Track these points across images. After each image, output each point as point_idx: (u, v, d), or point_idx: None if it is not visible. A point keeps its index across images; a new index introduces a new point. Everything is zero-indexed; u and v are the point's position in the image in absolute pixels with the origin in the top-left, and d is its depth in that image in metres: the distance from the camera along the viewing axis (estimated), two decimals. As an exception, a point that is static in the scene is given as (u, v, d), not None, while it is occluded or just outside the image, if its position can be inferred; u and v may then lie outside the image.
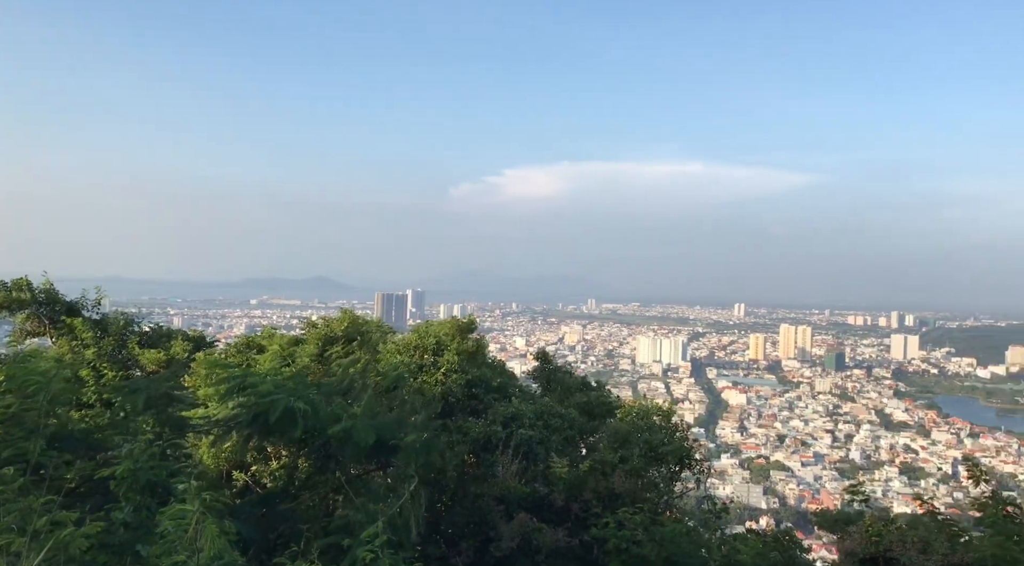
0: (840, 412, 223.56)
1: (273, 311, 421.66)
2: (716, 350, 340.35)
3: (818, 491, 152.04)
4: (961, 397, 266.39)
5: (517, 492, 11.43)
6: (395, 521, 8.94)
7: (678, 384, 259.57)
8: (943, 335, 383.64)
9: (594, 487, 11.83)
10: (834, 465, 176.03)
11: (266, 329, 19.22)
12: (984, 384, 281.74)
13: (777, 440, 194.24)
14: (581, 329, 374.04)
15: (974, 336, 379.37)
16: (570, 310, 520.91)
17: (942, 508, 12.59)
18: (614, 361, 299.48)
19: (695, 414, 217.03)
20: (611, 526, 10.34)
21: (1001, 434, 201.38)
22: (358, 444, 9.22)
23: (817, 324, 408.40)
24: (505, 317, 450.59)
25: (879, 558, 10.23)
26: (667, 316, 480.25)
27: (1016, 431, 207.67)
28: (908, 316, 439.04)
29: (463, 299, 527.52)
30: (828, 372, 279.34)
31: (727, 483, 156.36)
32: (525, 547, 10.24)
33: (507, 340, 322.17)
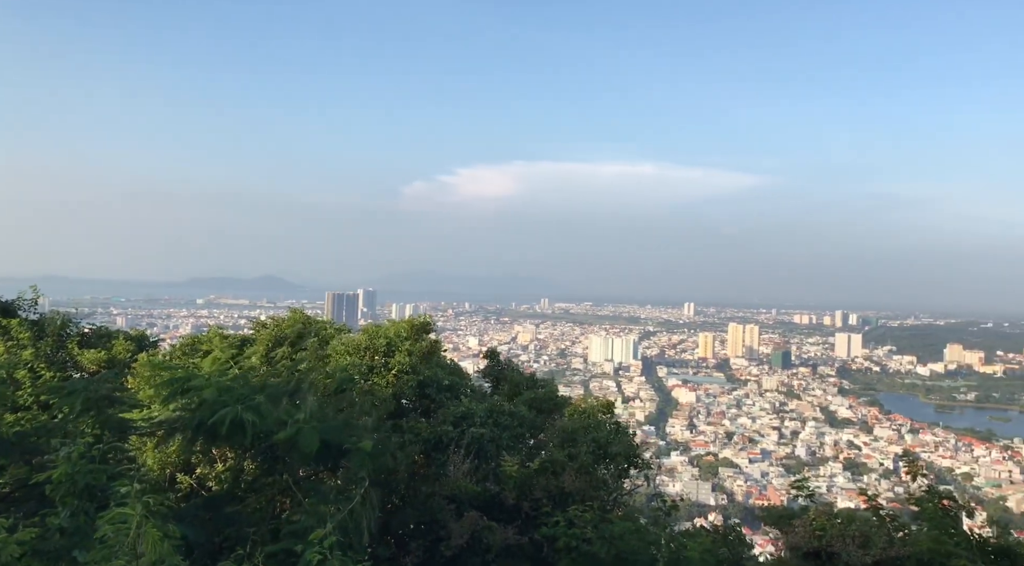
0: (786, 409, 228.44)
1: (220, 311, 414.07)
2: (666, 349, 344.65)
3: (765, 487, 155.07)
4: (902, 394, 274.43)
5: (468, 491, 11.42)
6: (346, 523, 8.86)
7: (629, 383, 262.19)
8: (885, 334, 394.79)
9: (545, 485, 11.88)
10: (781, 461, 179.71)
11: (212, 329, 18.88)
12: (924, 381, 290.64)
13: (725, 437, 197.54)
14: (534, 328, 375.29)
15: (914, 334, 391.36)
16: (523, 309, 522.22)
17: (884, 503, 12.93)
18: (566, 360, 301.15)
19: (646, 412, 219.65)
20: (561, 524, 10.38)
21: (939, 430, 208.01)
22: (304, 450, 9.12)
23: (764, 323, 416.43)
24: (458, 316, 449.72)
25: (821, 552, 10.47)
26: (619, 315, 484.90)
27: (954, 427, 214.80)
28: (852, 315, 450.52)
29: (416, 299, 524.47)
30: (775, 370, 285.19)
31: (677, 480, 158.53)
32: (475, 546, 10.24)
33: (460, 340, 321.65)
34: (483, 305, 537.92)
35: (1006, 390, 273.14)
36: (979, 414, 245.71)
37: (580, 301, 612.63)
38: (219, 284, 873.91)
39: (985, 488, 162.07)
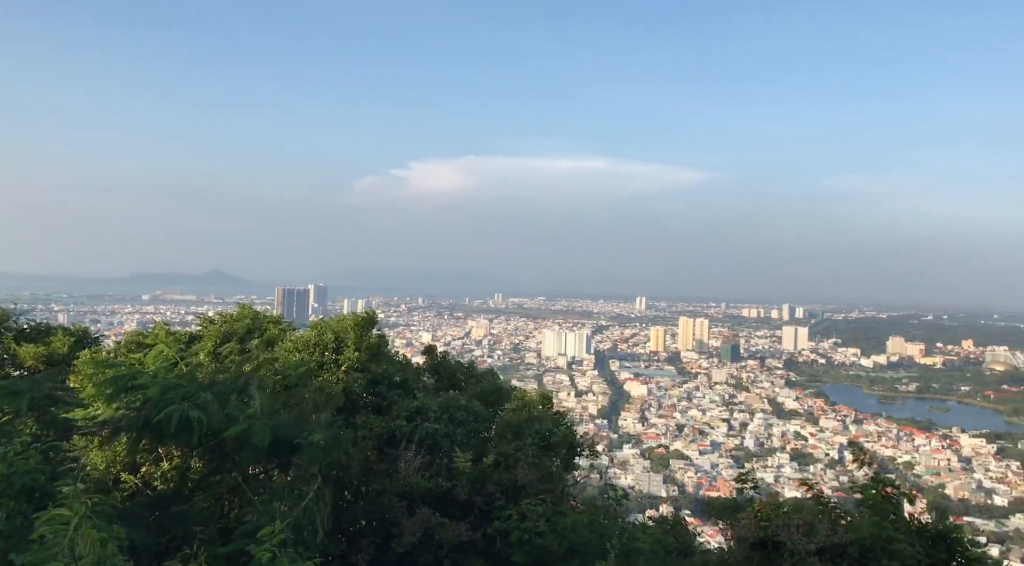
0: (735, 401, 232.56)
1: (167, 307, 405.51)
2: (619, 343, 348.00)
3: (715, 478, 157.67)
4: (846, 385, 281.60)
5: (420, 487, 11.37)
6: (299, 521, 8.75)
7: (582, 376, 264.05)
8: (830, 327, 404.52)
9: (498, 480, 11.88)
10: (730, 453, 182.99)
11: (158, 326, 18.43)
12: (867, 373, 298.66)
13: (676, 429, 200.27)
14: (488, 323, 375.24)
15: (858, 327, 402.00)
16: (477, 305, 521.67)
17: (829, 492, 13.23)
18: (520, 355, 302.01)
19: (599, 405, 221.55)
20: (514, 518, 10.42)
21: (882, 420, 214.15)
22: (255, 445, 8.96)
23: (714, 317, 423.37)
24: (411, 312, 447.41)
25: (767, 542, 10.66)
26: (572, 310, 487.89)
27: (895, 417, 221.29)
28: (798, 309, 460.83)
29: (368, 294, 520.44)
30: (724, 363, 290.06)
31: (629, 472, 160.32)
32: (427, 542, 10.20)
33: (413, 335, 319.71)
34: (436, 300, 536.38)
35: (945, 381, 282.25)
36: (920, 404, 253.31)
37: (534, 296, 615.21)
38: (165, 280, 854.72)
39: (925, 476, 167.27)
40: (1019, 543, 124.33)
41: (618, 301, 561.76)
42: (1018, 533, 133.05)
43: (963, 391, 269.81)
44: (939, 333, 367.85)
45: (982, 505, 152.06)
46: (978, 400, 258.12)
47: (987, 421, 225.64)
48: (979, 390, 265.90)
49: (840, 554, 10.26)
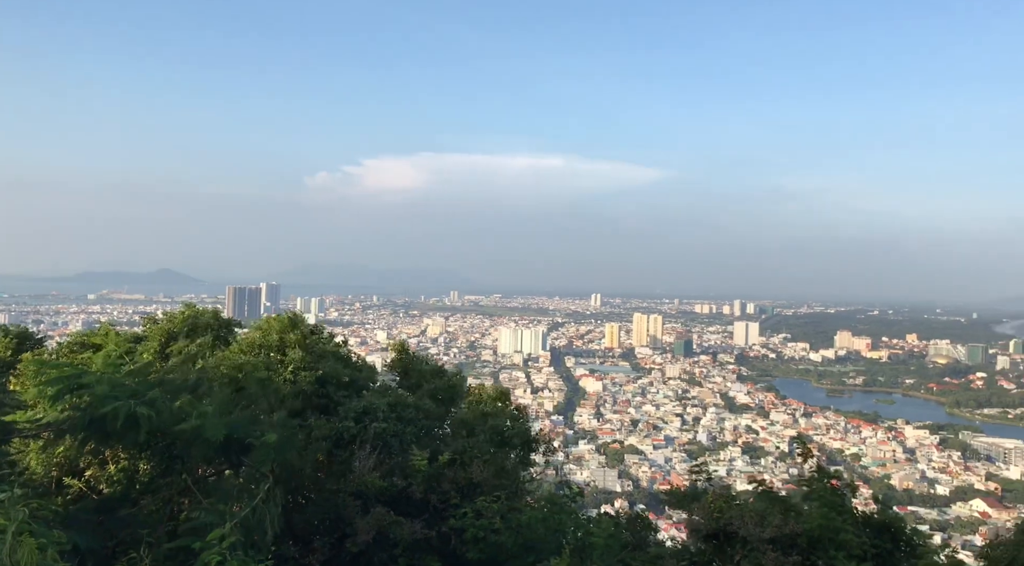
0: (689, 396, 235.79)
1: (114, 306, 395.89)
2: (574, 339, 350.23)
3: (669, 472, 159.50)
4: (796, 379, 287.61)
5: (374, 487, 11.30)
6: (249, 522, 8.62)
7: (538, 373, 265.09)
8: (780, 322, 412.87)
9: (453, 477, 11.87)
10: (683, 447, 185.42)
11: (104, 325, 17.96)
12: (816, 367, 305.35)
13: (631, 425, 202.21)
14: (444, 321, 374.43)
15: (807, 322, 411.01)
16: (432, 302, 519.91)
17: (779, 484, 13.55)
18: (476, 352, 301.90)
19: (554, 402, 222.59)
20: (469, 515, 10.43)
21: (831, 413, 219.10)
22: (208, 441, 8.80)
23: (667, 313, 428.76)
24: (366, 310, 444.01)
25: (721, 533, 10.86)
26: (528, 307, 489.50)
27: (843, 410, 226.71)
28: (749, 304, 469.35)
29: (322, 292, 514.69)
30: (677, 358, 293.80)
31: (584, 468, 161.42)
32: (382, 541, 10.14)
33: (368, 334, 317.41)
34: (391, 298, 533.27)
35: (891, 374, 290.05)
36: (866, 397, 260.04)
37: (490, 293, 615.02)
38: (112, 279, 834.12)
39: (872, 467, 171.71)
40: (960, 530, 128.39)
41: (574, 298, 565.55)
42: (959, 521, 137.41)
43: (907, 384, 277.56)
44: (884, 328, 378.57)
45: (925, 494, 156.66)
46: (922, 392, 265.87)
47: (930, 413, 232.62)
48: (922, 383, 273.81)
49: (790, 545, 10.52)
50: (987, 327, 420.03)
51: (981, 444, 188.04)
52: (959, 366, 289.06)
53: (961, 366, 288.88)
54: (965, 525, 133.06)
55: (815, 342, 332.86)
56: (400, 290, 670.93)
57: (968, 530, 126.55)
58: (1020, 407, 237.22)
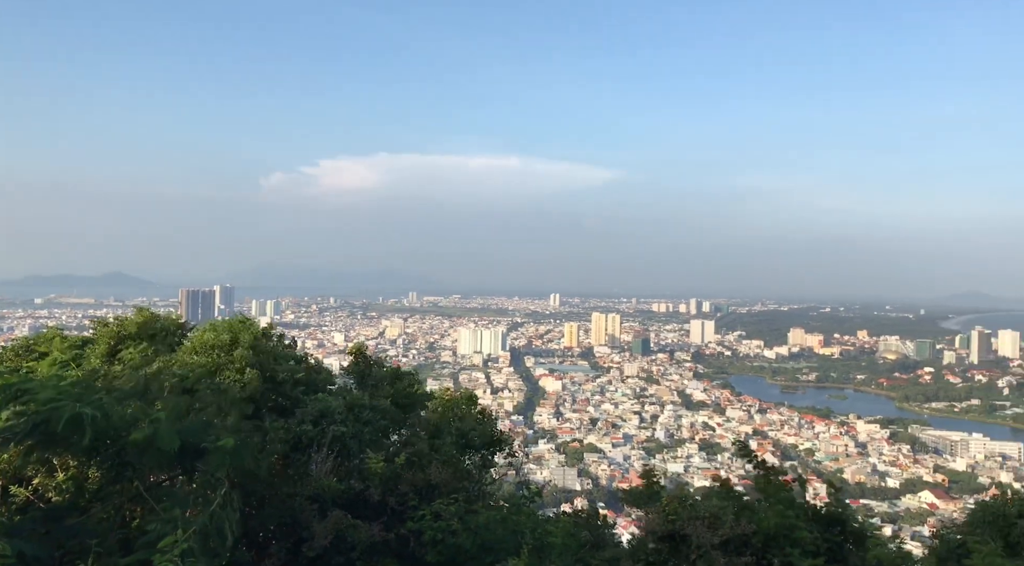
0: (647, 394, 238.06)
1: (62, 311, 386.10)
2: (534, 339, 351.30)
3: (627, 471, 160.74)
4: (751, 376, 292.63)
5: (331, 490, 11.19)
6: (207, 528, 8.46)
7: (498, 373, 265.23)
8: (735, 320, 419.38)
9: (411, 480, 11.82)
10: (642, 445, 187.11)
11: (51, 330, 17.50)
12: (770, 364, 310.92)
13: (590, 423, 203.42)
14: (402, 322, 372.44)
15: (761, 320, 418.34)
16: (391, 304, 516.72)
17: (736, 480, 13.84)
18: (436, 353, 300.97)
19: (514, 402, 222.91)
20: (427, 518, 10.40)
21: (785, 409, 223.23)
22: (162, 449, 8.61)
23: (625, 312, 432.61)
24: (323, 312, 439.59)
25: (675, 535, 11.00)
26: (487, 307, 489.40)
27: (797, 405, 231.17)
28: (705, 303, 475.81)
29: (278, 294, 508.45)
30: (635, 357, 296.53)
31: (544, 467, 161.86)
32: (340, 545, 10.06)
33: (325, 336, 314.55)
34: (349, 300, 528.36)
35: (842, 370, 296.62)
36: (819, 393, 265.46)
37: (449, 294, 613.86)
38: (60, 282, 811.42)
39: (825, 462, 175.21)
40: (909, 522, 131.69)
41: (533, 298, 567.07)
42: (908, 513, 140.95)
43: (858, 379, 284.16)
44: (836, 324, 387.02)
45: (876, 487, 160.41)
46: (872, 388, 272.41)
47: (880, 407, 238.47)
48: (873, 378, 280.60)
49: (744, 544, 10.67)
50: (934, 323, 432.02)
51: (929, 437, 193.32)
52: (908, 361, 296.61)
53: (910, 361, 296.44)
54: (914, 516, 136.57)
55: (769, 339, 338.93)
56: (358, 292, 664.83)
57: (917, 521, 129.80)
58: (966, 400, 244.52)
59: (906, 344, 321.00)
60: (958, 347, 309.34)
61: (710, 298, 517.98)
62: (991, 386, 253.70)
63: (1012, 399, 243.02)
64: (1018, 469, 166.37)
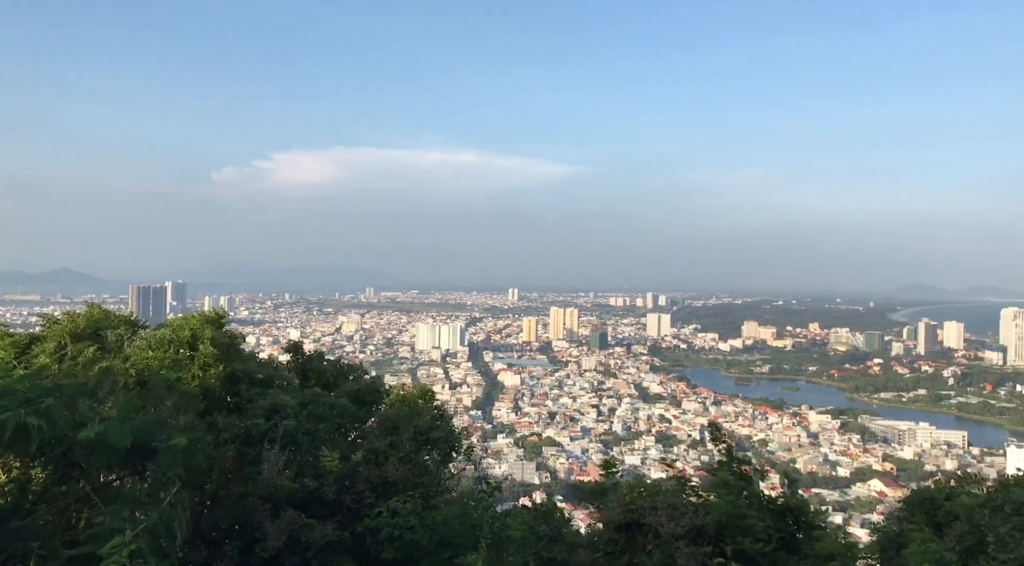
0: (604, 388, 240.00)
1: (6, 308, 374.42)
2: (492, 334, 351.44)
3: (585, 463, 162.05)
4: (706, 369, 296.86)
5: (285, 489, 11.04)
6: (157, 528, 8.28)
7: (457, 369, 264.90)
8: (691, 313, 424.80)
9: (367, 477, 11.74)
10: (599, 437, 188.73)
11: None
12: (725, 356, 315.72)
13: (548, 417, 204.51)
14: (359, 318, 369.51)
15: (716, 313, 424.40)
16: (348, 299, 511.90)
17: (691, 471, 14.02)
18: (393, 349, 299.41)
19: (473, 397, 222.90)
20: (384, 515, 10.33)
21: (739, 400, 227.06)
22: (112, 448, 8.40)
23: (583, 306, 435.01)
24: (278, 308, 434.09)
25: (633, 524, 11.11)
26: (445, 302, 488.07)
27: (751, 397, 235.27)
28: (661, 296, 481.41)
29: (231, 290, 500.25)
30: (593, 351, 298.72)
31: (503, 462, 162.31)
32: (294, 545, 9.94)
33: (280, 332, 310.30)
34: (305, 296, 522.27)
35: (795, 362, 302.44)
36: (772, 385, 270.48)
37: (407, 289, 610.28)
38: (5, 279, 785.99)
39: (778, 452, 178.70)
40: (859, 510, 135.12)
41: (491, 293, 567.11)
42: (858, 501, 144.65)
43: (810, 371, 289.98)
44: (789, 317, 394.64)
45: (828, 476, 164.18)
46: (824, 379, 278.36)
47: (832, 398, 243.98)
48: (824, 369, 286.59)
49: (700, 533, 10.84)
50: (883, 315, 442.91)
51: (878, 427, 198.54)
52: (858, 353, 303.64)
53: (860, 353, 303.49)
54: (864, 504, 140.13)
55: (724, 332, 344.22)
56: (314, 287, 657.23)
57: (867, 509, 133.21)
58: (913, 391, 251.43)
59: (856, 336, 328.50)
60: (906, 338, 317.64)
61: (666, 292, 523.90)
62: (937, 376, 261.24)
63: (956, 389, 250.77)
64: (962, 456, 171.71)
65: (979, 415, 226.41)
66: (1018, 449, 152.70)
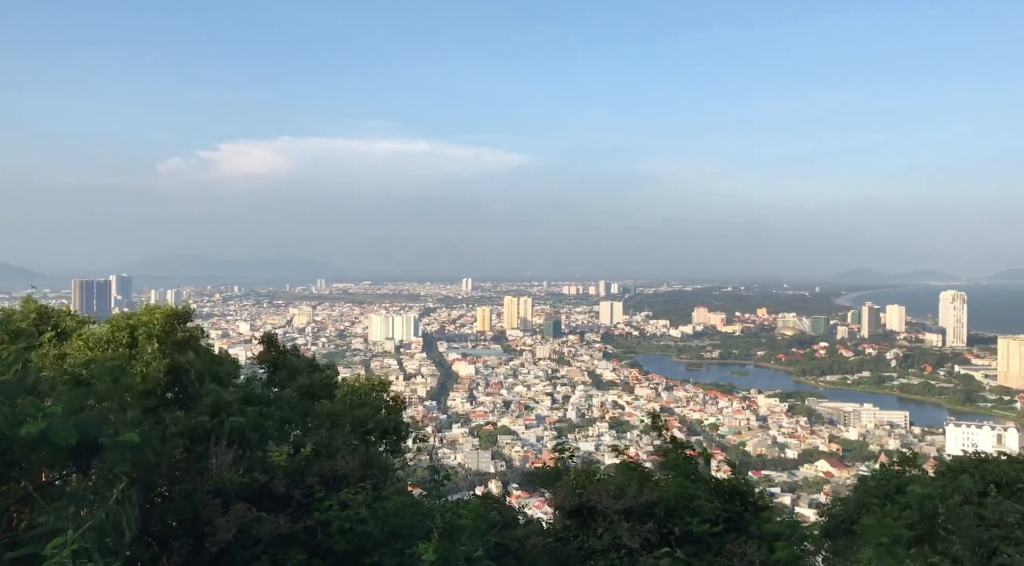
0: (558, 376, 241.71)
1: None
2: (446, 324, 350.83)
3: (540, 451, 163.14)
4: (658, 355, 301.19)
5: (234, 483, 10.91)
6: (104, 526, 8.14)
7: (411, 359, 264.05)
8: (642, 301, 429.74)
9: (318, 470, 11.66)
10: (554, 425, 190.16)
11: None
12: (676, 342, 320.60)
13: (503, 406, 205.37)
14: (311, 310, 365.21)
15: (667, 300, 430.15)
16: (299, 291, 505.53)
17: (644, 456, 14.33)
18: (346, 341, 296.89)
19: (428, 388, 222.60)
20: (334, 508, 10.30)
21: (690, 386, 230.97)
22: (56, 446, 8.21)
23: (537, 295, 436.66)
24: (227, 301, 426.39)
25: (583, 508, 11.29)
26: (399, 293, 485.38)
27: (701, 382, 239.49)
28: (613, 285, 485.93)
29: (179, 283, 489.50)
30: (547, 339, 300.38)
31: (459, 451, 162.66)
32: (244, 539, 9.84)
33: (229, 325, 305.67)
34: (254, 288, 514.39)
35: (744, 346, 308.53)
36: (722, 369, 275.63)
37: (359, 281, 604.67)
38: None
39: (728, 436, 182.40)
40: (807, 490, 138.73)
41: (445, 283, 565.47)
42: (806, 481, 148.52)
43: (759, 355, 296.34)
44: (737, 303, 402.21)
45: (777, 458, 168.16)
46: (772, 363, 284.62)
47: (780, 382, 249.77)
48: (772, 354, 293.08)
49: (648, 514, 11.06)
50: (828, 300, 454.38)
51: (825, 409, 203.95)
52: (804, 337, 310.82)
53: (806, 337, 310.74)
54: (811, 485, 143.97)
55: (675, 319, 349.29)
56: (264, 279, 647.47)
57: (814, 489, 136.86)
58: (857, 373, 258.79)
59: (802, 320, 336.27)
60: (850, 322, 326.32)
61: (618, 280, 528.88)
62: (880, 359, 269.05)
63: (899, 371, 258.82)
64: (904, 436, 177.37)
65: (920, 395, 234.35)
66: (956, 428, 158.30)
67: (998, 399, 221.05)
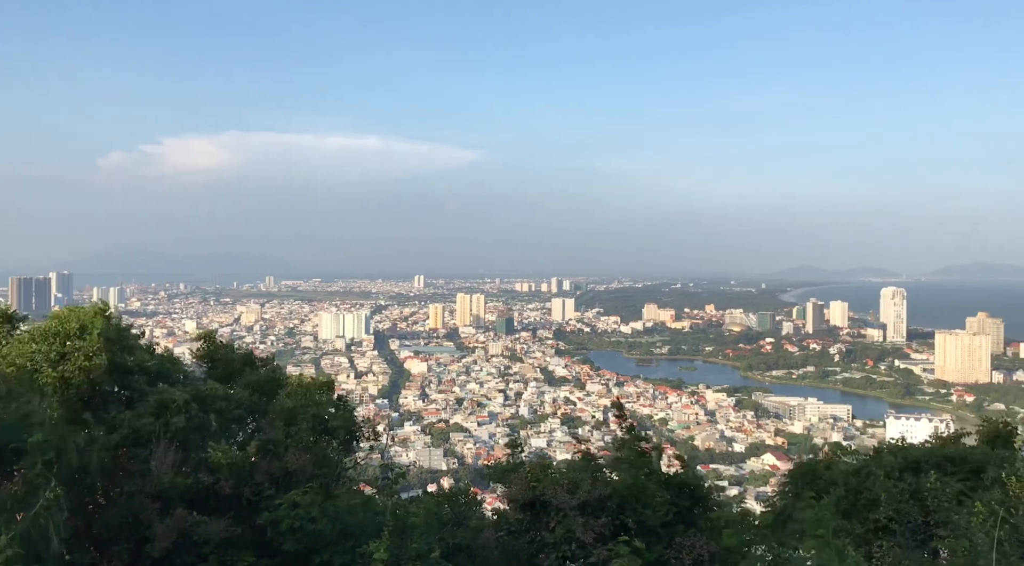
0: (511, 372, 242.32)
1: None
2: (398, 322, 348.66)
3: (492, 448, 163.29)
4: (609, 351, 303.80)
5: (178, 485, 10.60)
6: (30, 533, 7.80)
7: (362, 357, 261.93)
8: (594, 297, 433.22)
9: (266, 469, 11.40)
10: (506, 422, 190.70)
11: None
12: (627, 339, 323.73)
13: (456, 403, 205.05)
14: (259, 308, 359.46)
15: (618, 297, 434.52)
16: (247, 289, 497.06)
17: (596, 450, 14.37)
18: (296, 339, 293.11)
19: (379, 386, 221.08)
20: (284, 507, 10.08)
21: (640, 381, 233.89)
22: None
23: (489, 292, 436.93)
24: (172, 299, 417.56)
25: (536, 502, 11.23)
26: (349, 291, 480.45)
27: (651, 378, 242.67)
28: (565, 281, 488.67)
29: (122, 281, 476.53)
30: (500, 336, 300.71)
31: (410, 449, 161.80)
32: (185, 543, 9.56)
33: (175, 323, 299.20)
34: (200, 285, 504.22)
35: (692, 342, 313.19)
36: (671, 365, 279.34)
37: (309, 278, 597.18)
38: None
39: (678, 430, 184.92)
40: (754, 483, 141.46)
41: (397, 280, 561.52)
42: (753, 474, 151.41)
43: (707, 351, 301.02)
44: (686, 299, 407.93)
45: (724, 452, 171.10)
46: (719, 358, 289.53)
47: (727, 377, 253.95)
48: (720, 349, 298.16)
49: (601, 507, 11.07)
50: (774, 296, 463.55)
51: (771, 403, 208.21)
52: (751, 333, 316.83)
53: (753, 333, 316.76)
54: (758, 478, 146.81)
55: (625, 315, 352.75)
56: (210, 277, 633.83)
57: (761, 482, 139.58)
58: (802, 368, 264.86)
59: (749, 316, 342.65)
60: (795, 318, 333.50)
61: (570, 277, 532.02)
62: (824, 353, 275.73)
63: (842, 365, 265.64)
64: (847, 429, 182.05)
65: (862, 389, 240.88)
66: (896, 421, 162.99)
67: (935, 392, 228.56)
